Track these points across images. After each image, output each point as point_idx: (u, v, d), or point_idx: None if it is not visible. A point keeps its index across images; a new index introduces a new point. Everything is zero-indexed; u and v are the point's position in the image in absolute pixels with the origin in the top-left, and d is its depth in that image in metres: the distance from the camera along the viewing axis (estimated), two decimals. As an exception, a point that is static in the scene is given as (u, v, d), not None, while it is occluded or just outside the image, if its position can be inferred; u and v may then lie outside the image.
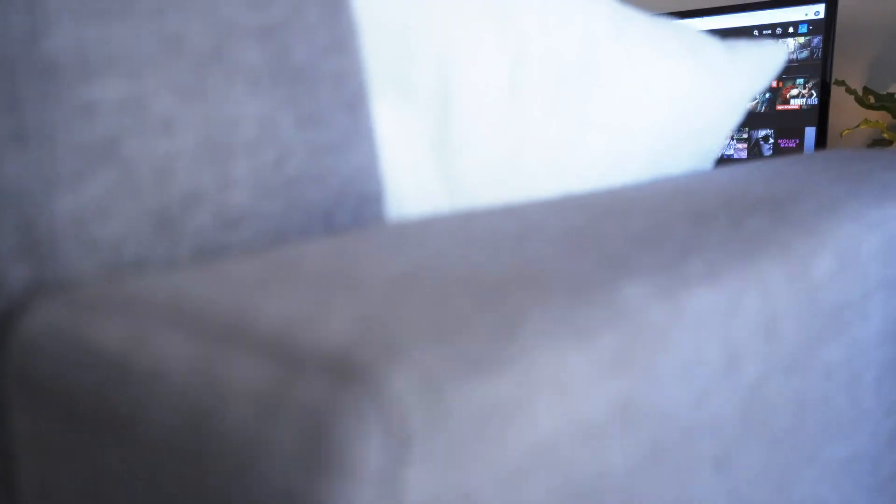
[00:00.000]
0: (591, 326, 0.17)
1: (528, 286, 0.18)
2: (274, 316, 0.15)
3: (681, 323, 0.19)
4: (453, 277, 0.18)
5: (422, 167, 0.38)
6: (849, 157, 0.52)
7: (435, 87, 0.37)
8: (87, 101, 0.19)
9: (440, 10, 0.37)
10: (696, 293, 0.20)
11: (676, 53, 0.45)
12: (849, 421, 0.33)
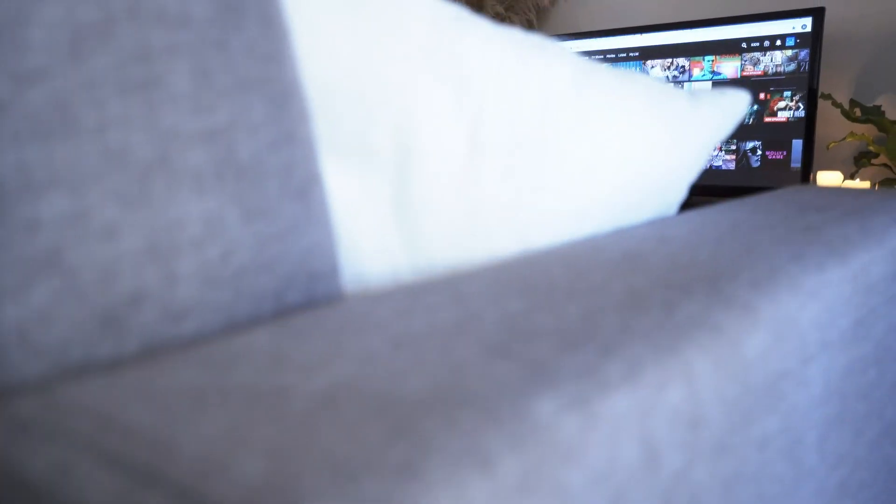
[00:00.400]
0: (497, 451, 0.18)
1: (443, 405, 0.19)
2: (191, 454, 0.16)
3: (594, 432, 0.20)
4: (374, 394, 0.19)
5: (382, 229, 0.39)
6: (808, 204, 0.53)
7: (394, 150, 0.38)
8: (30, 218, 0.20)
9: (398, 77, 0.38)
10: (613, 397, 0.21)
11: (639, 108, 0.47)
12: (790, 482, 0.35)
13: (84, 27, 0.20)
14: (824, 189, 0.63)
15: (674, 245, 0.39)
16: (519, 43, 0.43)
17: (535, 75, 0.43)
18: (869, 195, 0.59)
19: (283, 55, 0.27)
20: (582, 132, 0.44)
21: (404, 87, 0.38)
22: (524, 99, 0.42)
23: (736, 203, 0.55)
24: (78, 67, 0.20)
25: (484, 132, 0.40)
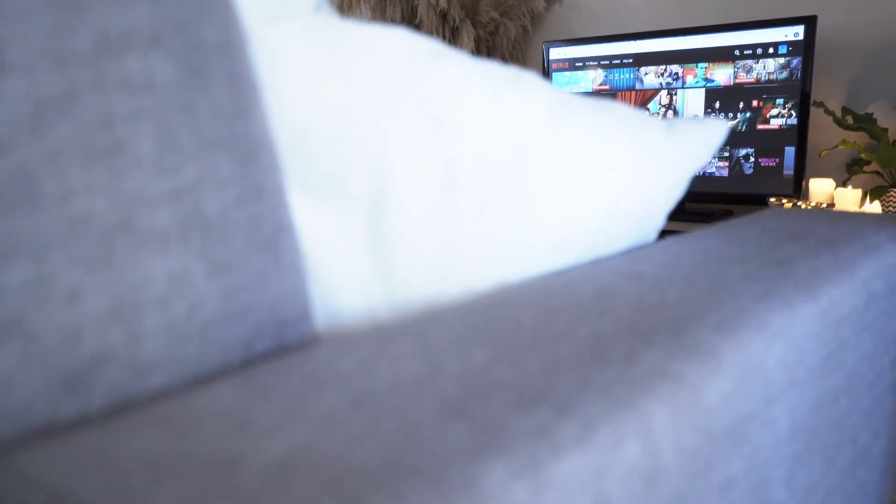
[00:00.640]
0: (443, 526, 0.18)
1: (394, 476, 0.19)
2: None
3: (545, 499, 0.21)
4: (328, 463, 0.20)
5: (357, 266, 0.39)
6: (784, 231, 0.54)
7: (369, 189, 0.38)
8: (-8, 286, 0.21)
9: (373, 117, 0.38)
10: (566, 460, 0.22)
11: (615, 140, 0.47)
12: (756, 519, 0.35)
13: (47, 99, 0.21)
14: (803, 213, 0.63)
15: (644, 282, 0.39)
16: (495, 77, 0.44)
17: (511, 109, 0.43)
18: (845, 220, 0.60)
19: (251, 111, 0.28)
20: (557, 166, 0.44)
21: (379, 127, 0.38)
22: (499, 133, 0.42)
23: (714, 230, 0.55)
24: (41, 138, 0.21)
25: (458, 168, 0.41)
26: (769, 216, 0.62)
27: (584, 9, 2.81)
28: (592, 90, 2.54)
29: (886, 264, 0.52)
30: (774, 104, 2.20)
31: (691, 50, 2.32)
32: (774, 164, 2.23)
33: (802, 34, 2.10)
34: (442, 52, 0.43)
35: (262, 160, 0.28)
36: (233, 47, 0.27)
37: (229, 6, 0.27)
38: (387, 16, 2.73)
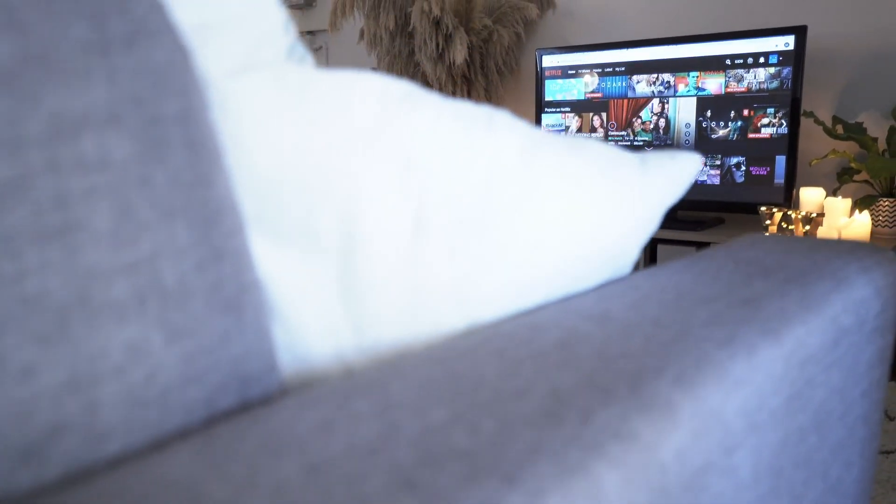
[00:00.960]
0: None
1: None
2: None
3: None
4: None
5: (327, 310, 0.39)
6: (757, 264, 0.54)
7: (338, 235, 0.39)
8: (-54, 368, 0.21)
9: (342, 163, 0.39)
10: (511, 533, 0.22)
11: (587, 178, 0.48)
12: (718, 563, 0.36)
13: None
14: (778, 242, 0.64)
15: (611, 327, 0.40)
16: (467, 118, 0.44)
17: (482, 151, 0.44)
18: (819, 250, 0.61)
19: (212, 177, 0.28)
20: (529, 206, 0.45)
21: (349, 174, 0.39)
22: (470, 175, 0.43)
23: (687, 263, 0.56)
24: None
25: (429, 211, 0.41)
26: (745, 245, 0.63)
27: (578, 16, 2.82)
28: (585, 97, 2.55)
29: (857, 298, 0.53)
30: (765, 113, 2.21)
31: (683, 59, 2.33)
32: (765, 173, 2.24)
33: (793, 44, 2.11)
34: (414, 94, 0.43)
35: (224, 224, 0.28)
36: (192, 117, 0.27)
37: (189, 75, 0.28)
38: (380, 23, 2.73)
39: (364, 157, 0.39)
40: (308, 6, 3.64)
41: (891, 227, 2.08)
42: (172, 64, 0.26)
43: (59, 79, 0.22)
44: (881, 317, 0.58)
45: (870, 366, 0.57)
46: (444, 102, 0.45)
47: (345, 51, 3.56)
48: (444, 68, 2.72)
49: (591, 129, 2.55)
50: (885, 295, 0.58)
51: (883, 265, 0.60)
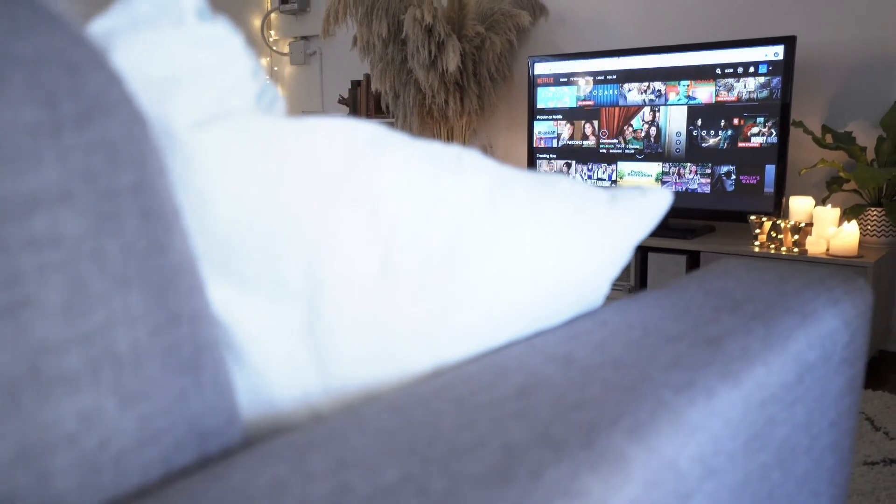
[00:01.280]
0: None
1: None
2: None
3: None
4: None
5: (293, 356, 0.40)
6: (726, 296, 0.55)
7: (305, 282, 0.40)
8: None
9: (309, 209, 0.39)
10: None
11: (556, 217, 0.48)
12: None
13: (-50, 266, 0.22)
14: (751, 270, 0.65)
15: (573, 371, 0.40)
16: (435, 159, 0.45)
17: (450, 192, 0.44)
18: (791, 278, 0.61)
19: (167, 243, 0.29)
20: (497, 246, 0.45)
21: (315, 221, 0.40)
22: (438, 217, 0.44)
23: (658, 295, 0.57)
24: (-56, 303, 0.22)
25: (396, 254, 0.42)
26: (718, 274, 0.63)
27: (570, 23, 2.83)
28: (577, 105, 2.56)
29: (823, 332, 0.53)
30: (755, 122, 2.22)
31: (673, 68, 2.34)
32: (755, 182, 2.25)
33: (782, 54, 2.12)
34: (381, 137, 0.44)
35: (180, 287, 0.29)
36: (147, 186, 0.28)
37: (145, 145, 0.28)
38: (373, 30, 2.74)
39: (330, 203, 0.40)
40: (302, 11, 3.64)
41: (879, 236, 2.10)
42: (128, 136, 0.27)
43: (9, 162, 0.23)
44: (850, 347, 0.59)
45: (839, 396, 0.58)
46: (412, 144, 0.45)
47: (339, 56, 3.56)
48: (436, 75, 2.72)
49: (582, 137, 2.56)
50: (853, 325, 0.59)
51: (852, 295, 0.61)
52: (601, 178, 2.54)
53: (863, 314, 0.61)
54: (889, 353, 2.27)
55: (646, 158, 2.45)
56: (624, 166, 2.49)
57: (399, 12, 2.77)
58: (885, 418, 1.74)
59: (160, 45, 0.37)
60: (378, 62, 2.84)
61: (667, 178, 2.41)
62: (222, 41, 0.39)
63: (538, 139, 2.68)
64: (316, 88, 3.75)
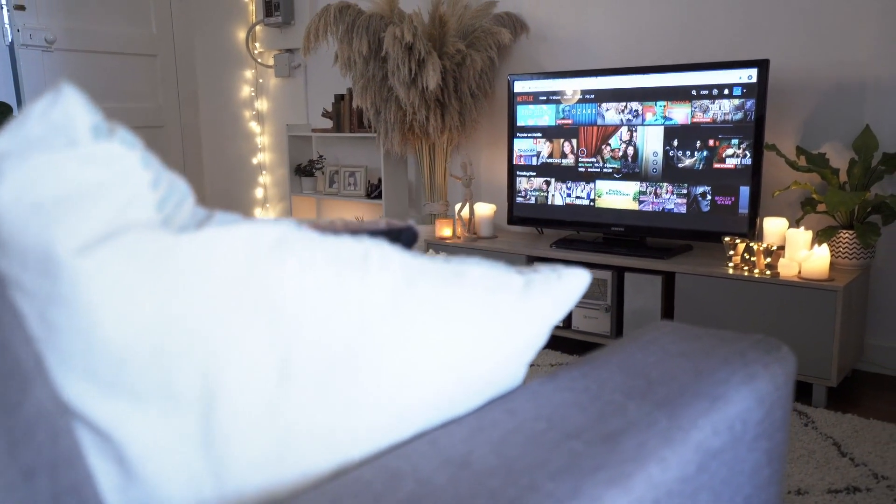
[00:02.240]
0: None
1: None
2: None
3: None
4: None
5: (189, 464, 0.41)
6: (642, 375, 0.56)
7: (199, 393, 0.40)
8: None
9: (204, 322, 0.40)
10: None
11: (467, 308, 0.49)
12: None
13: None
14: (682, 337, 0.66)
15: (464, 477, 0.41)
16: (342, 258, 0.46)
17: (354, 293, 0.45)
18: (716, 350, 0.62)
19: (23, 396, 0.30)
20: (401, 344, 0.46)
21: (211, 330, 0.40)
22: (341, 320, 0.45)
23: (578, 375, 0.58)
24: None
25: (296, 359, 0.43)
26: (643, 344, 0.64)
27: (551, 41, 2.84)
28: (556, 123, 2.57)
29: (733, 413, 0.54)
30: (730, 144, 2.24)
31: (650, 88, 2.35)
32: (730, 203, 2.27)
33: (755, 77, 2.14)
34: (286, 240, 0.45)
35: (36, 439, 0.30)
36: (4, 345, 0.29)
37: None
38: (353, 47, 2.74)
39: (227, 312, 0.41)
40: (287, 24, 3.65)
41: (850, 258, 2.12)
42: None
43: None
44: (766, 422, 0.60)
45: (754, 471, 0.59)
46: (319, 243, 0.46)
47: (324, 69, 3.57)
48: (417, 92, 2.73)
49: (561, 155, 2.58)
50: (770, 400, 0.60)
51: (771, 368, 0.62)
52: (580, 197, 2.56)
53: (783, 385, 0.62)
54: (862, 372, 2.29)
55: (623, 178, 2.46)
56: (602, 185, 2.51)
57: (380, 30, 2.77)
58: (852, 443, 1.76)
59: (51, 168, 0.38)
60: (359, 79, 2.84)
61: (644, 198, 2.43)
62: (117, 157, 0.40)
63: (518, 156, 2.69)
64: (301, 101, 3.75)
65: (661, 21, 2.58)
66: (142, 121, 3.38)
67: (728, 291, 2.11)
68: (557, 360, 2.38)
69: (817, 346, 1.98)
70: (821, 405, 1.99)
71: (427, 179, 3.03)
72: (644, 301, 2.30)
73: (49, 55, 3.04)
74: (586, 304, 2.41)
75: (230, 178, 3.85)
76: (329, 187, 3.50)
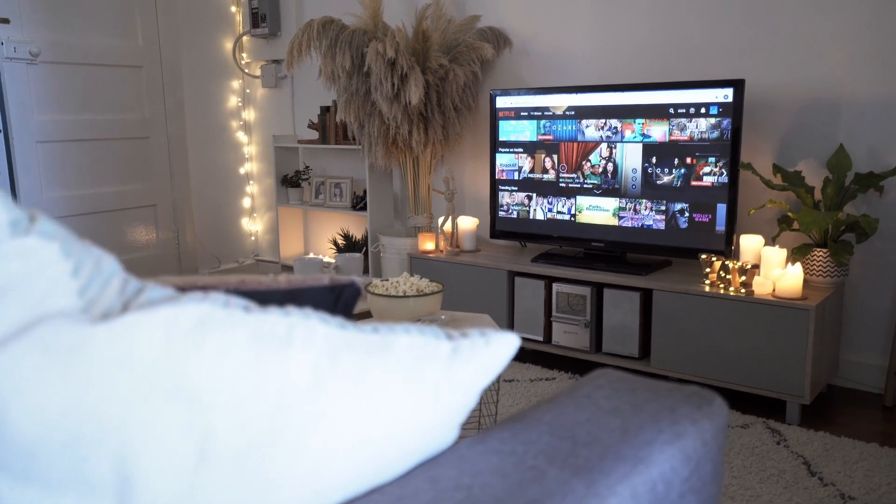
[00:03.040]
0: None
1: None
2: None
3: None
4: None
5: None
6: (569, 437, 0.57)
7: (114, 478, 0.42)
8: None
9: (116, 412, 0.41)
10: None
11: (391, 382, 0.51)
12: None
13: None
14: (614, 394, 0.67)
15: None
16: (264, 337, 0.47)
17: (274, 373, 0.47)
18: (649, 404, 0.64)
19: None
20: (322, 420, 0.48)
21: (127, 417, 0.42)
22: (260, 399, 0.46)
23: (509, 435, 0.59)
24: None
25: (214, 442, 0.44)
26: (578, 399, 0.66)
27: (533, 55, 2.86)
28: (537, 139, 2.59)
29: (656, 475, 0.56)
30: (707, 162, 2.26)
31: (629, 106, 2.37)
32: (707, 220, 2.29)
33: (731, 96, 2.16)
34: (207, 322, 0.46)
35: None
36: None
37: None
38: (336, 62, 2.76)
39: (143, 400, 0.42)
40: (273, 36, 3.66)
41: (824, 276, 2.14)
42: None
43: None
44: (693, 477, 0.61)
45: (681, 526, 0.61)
46: (241, 322, 0.48)
47: (310, 80, 3.58)
48: (399, 107, 2.75)
49: (542, 170, 2.59)
50: (697, 455, 0.62)
51: (700, 424, 0.63)
52: (561, 212, 2.57)
53: (711, 441, 0.64)
54: (837, 387, 2.31)
55: (603, 194, 2.48)
56: (583, 201, 2.53)
57: (363, 45, 2.79)
58: (822, 461, 1.78)
59: (-31, 265, 0.39)
60: (343, 93, 2.86)
61: (623, 214, 2.45)
62: (34, 251, 0.42)
63: (500, 171, 2.71)
64: (287, 112, 3.76)
65: (642, 38, 2.61)
66: (127, 132, 3.39)
67: (704, 309, 2.14)
68: (537, 376, 2.40)
69: (790, 364, 2.00)
70: (794, 422, 2.02)
71: (411, 192, 3.04)
72: (622, 317, 2.32)
73: (34, 67, 3.04)
74: (566, 320, 2.43)
75: (217, 188, 3.86)
76: (315, 198, 3.51)
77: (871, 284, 2.24)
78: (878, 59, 2.16)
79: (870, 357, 2.27)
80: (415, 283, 1.67)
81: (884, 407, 2.14)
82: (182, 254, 3.70)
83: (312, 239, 3.78)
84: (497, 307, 2.59)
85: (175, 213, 3.65)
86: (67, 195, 3.22)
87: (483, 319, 1.80)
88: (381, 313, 1.63)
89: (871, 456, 1.80)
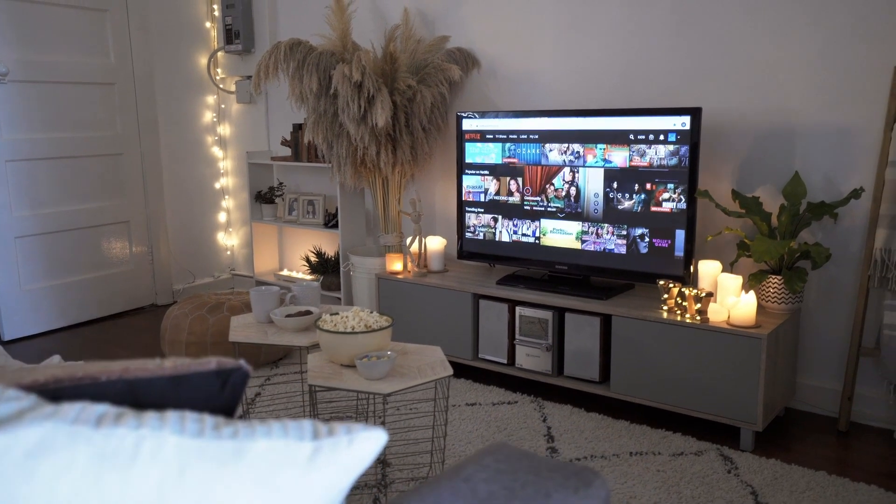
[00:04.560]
0: None
1: None
2: None
3: None
4: None
5: None
6: None
7: None
8: None
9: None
10: None
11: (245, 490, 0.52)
12: None
13: None
14: (501, 470, 0.69)
15: None
16: (109, 453, 0.48)
17: (114, 492, 0.48)
18: (531, 486, 0.65)
19: None
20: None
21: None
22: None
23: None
24: None
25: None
26: (458, 482, 0.67)
27: (500, 77, 2.88)
28: (502, 162, 2.60)
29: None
30: (666, 188, 2.28)
31: (591, 131, 2.39)
32: (667, 246, 2.31)
33: (689, 124, 2.18)
34: (46, 444, 0.47)
35: None
36: None
37: None
38: (304, 84, 2.76)
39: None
40: (247, 52, 3.66)
41: (780, 303, 2.16)
42: None
43: None
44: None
45: None
46: (88, 439, 0.49)
47: (284, 96, 3.58)
48: (367, 129, 2.76)
49: (507, 193, 2.61)
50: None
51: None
52: (525, 234, 2.59)
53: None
54: (795, 410, 2.34)
55: (566, 217, 2.50)
56: (547, 224, 2.54)
57: (330, 67, 2.80)
58: (770, 491, 1.80)
59: None
60: (311, 113, 2.87)
61: (586, 238, 2.47)
62: None
63: (467, 192, 2.72)
64: (262, 127, 3.77)
65: (607, 63, 2.63)
66: (100, 149, 3.39)
67: (660, 335, 2.16)
68: (500, 399, 2.41)
69: (743, 391, 2.02)
70: (748, 448, 2.04)
71: (381, 211, 3.05)
72: (583, 341, 2.34)
73: (2, 87, 3.03)
74: (529, 343, 2.44)
75: (193, 203, 3.86)
76: (289, 214, 3.52)
77: (827, 310, 2.27)
78: (832, 87, 2.18)
79: (826, 381, 2.30)
80: (364, 319, 1.68)
81: (838, 432, 2.17)
82: (156, 270, 3.70)
83: (287, 254, 3.79)
84: (462, 329, 2.60)
85: (149, 229, 3.65)
86: (39, 213, 3.21)
87: (434, 352, 1.81)
88: (329, 349, 1.64)
89: (818, 485, 1.83)
